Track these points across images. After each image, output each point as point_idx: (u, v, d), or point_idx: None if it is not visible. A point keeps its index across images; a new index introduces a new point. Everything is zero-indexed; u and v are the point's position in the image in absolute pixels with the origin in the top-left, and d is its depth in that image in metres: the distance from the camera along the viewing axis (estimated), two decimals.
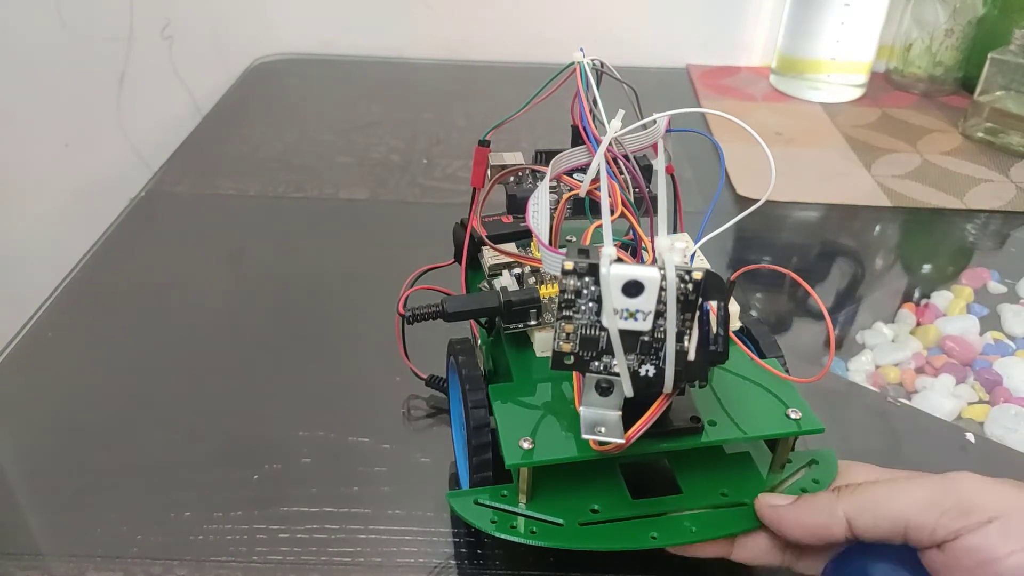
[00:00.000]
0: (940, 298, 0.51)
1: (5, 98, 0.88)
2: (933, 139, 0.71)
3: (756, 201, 0.33)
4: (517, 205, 0.35)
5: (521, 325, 0.33)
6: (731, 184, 0.62)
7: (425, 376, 0.41)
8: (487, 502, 0.31)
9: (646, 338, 0.26)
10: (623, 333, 0.25)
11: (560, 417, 0.31)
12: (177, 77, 0.89)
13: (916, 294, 0.52)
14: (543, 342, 0.33)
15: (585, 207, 0.33)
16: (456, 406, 0.36)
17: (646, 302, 0.25)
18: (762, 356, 0.34)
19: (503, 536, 0.30)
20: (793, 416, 0.30)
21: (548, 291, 0.32)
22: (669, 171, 0.34)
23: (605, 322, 0.25)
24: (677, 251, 0.25)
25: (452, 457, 0.39)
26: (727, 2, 0.85)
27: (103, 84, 0.88)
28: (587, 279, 0.26)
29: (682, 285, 0.25)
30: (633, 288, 0.24)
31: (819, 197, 0.62)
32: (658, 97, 0.37)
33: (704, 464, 0.32)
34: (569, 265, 0.26)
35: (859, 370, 0.45)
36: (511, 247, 0.35)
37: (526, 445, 0.29)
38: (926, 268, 0.56)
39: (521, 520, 0.30)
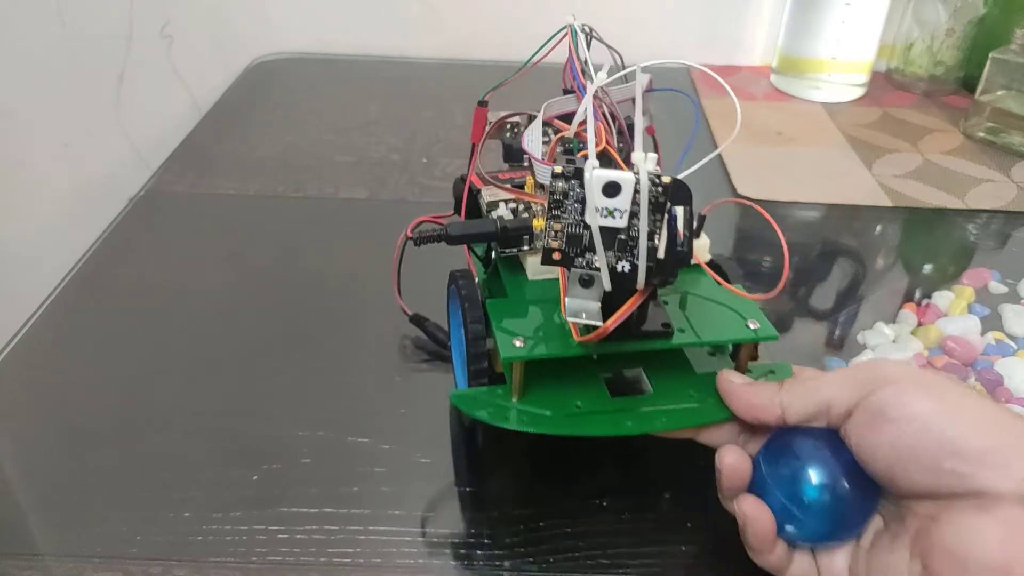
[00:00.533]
0: (941, 298, 0.51)
1: (5, 98, 0.88)
2: (934, 139, 0.71)
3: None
4: (513, 155, 0.39)
5: (515, 250, 0.37)
6: (731, 184, 0.62)
7: (411, 313, 0.45)
8: (484, 398, 0.35)
9: (622, 236, 0.29)
10: (603, 230, 0.29)
11: (548, 327, 0.35)
12: (177, 76, 0.89)
13: (917, 294, 0.52)
14: (535, 266, 0.37)
15: (573, 149, 0.36)
16: (456, 330, 0.40)
17: (623, 201, 0.28)
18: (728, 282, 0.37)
19: (497, 424, 0.34)
20: (752, 326, 0.35)
21: (539, 223, 0.35)
22: (650, 132, 0.38)
23: (588, 219, 0.29)
24: (651, 160, 0.29)
25: (452, 457, 0.39)
26: (727, 2, 0.85)
27: (103, 83, 0.88)
28: (573, 182, 0.30)
29: (653, 188, 0.29)
30: (612, 189, 0.28)
31: (819, 197, 0.62)
32: (658, 97, 0.39)
33: (675, 375, 0.36)
34: (558, 169, 0.30)
35: None
36: (507, 187, 0.39)
37: (519, 344, 0.33)
38: (927, 268, 0.56)
39: (513, 412, 0.34)
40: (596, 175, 0.28)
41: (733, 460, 0.32)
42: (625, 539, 0.36)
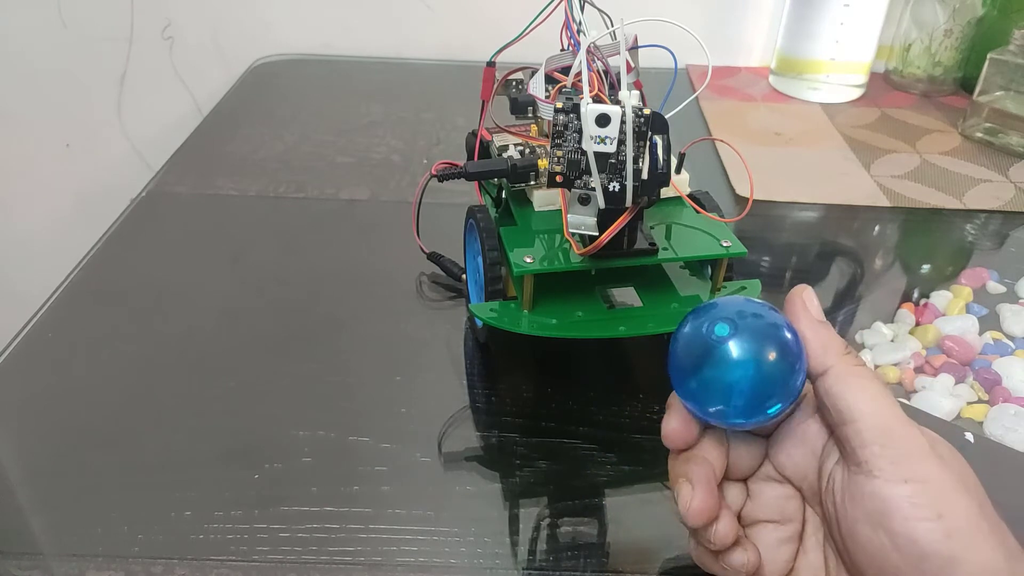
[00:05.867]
0: (939, 298, 0.51)
1: (6, 99, 0.88)
2: (932, 139, 0.71)
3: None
4: (518, 107, 0.43)
5: (523, 185, 0.42)
6: (730, 184, 0.62)
7: (428, 251, 0.51)
8: (499, 308, 0.40)
9: (613, 160, 0.34)
10: (597, 155, 0.33)
11: (553, 248, 0.40)
12: (178, 78, 0.89)
13: (915, 294, 0.52)
14: (540, 199, 0.42)
15: (571, 95, 0.39)
16: (472, 260, 0.45)
17: (612, 130, 0.33)
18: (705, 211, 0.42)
19: (511, 329, 0.39)
20: (724, 244, 0.40)
21: (543, 163, 0.40)
22: (637, 86, 0.43)
23: (584, 146, 0.33)
24: (635, 96, 0.35)
25: (453, 455, 0.39)
26: (727, 2, 0.85)
27: (104, 85, 0.88)
28: (571, 115, 0.34)
29: (636, 118, 0.33)
30: (603, 119, 0.33)
31: (818, 197, 0.62)
32: (659, 96, 0.40)
33: (661, 293, 0.42)
34: (559, 105, 0.34)
35: None
36: (514, 128, 0.45)
37: (528, 260, 0.38)
38: (925, 268, 0.56)
39: (524, 319, 0.39)
40: (590, 108, 0.33)
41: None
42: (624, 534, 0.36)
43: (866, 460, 0.27)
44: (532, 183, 0.42)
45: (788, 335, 0.29)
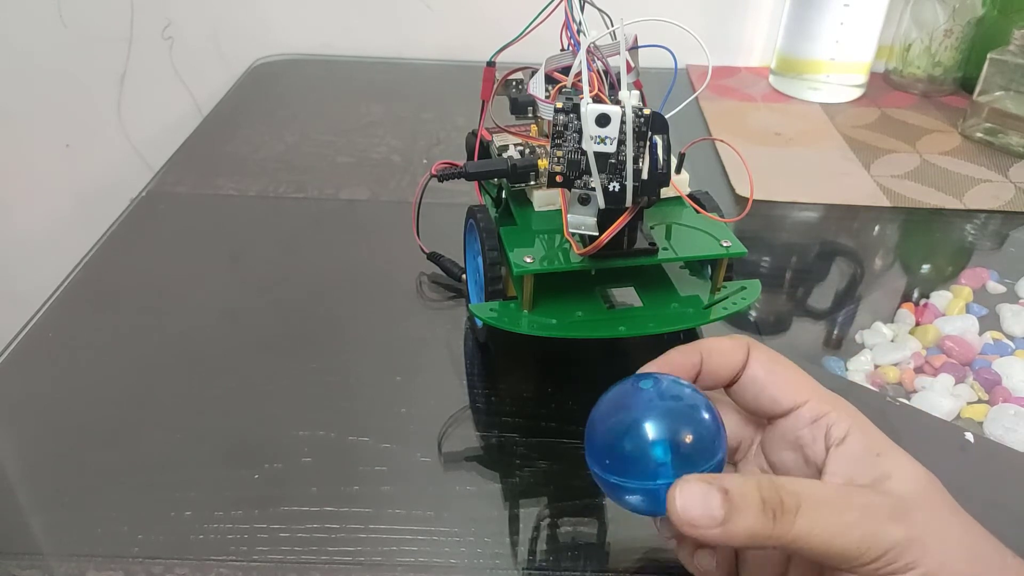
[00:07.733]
0: (939, 298, 0.51)
1: (6, 99, 0.88)
2: (932, 139, 0.71)
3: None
4: (518, 107, 0.43)
5: (523, 185, 0.42)
6: (730, 184, 0.62)
7: (428, 251, 0.52)
8: (499, 308, 0.40)
9: (613, 160, 0.34)
10: (596, 155, 0.33)
11: (553, 248, 0.40)
12: (178, 78, 0.89)
13: (915, 294, 0.52)
14: (540, 199, 0.42)
15: (571, 95, 0.39)
16: (472, 260, 0.45)
17: (612, 130, 0.33)
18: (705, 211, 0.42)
19: (510, 329, 0.39)
20: (724, 244, 0.40)
21: (544, 163, 0.40)
22: (638, 86, 0.43)
23: (584, 146, 0.34)
24: (635, 96, 0.35)
25: (453, 455, 0.39)
26: (727, 2, 0.85)
27: (104, 84, 0.88)
28: (571, 115, 0.35)
29: (636, 119, 0.33)
30: (603, 119, 0.33)
31: (818, 197, 0.62)
32: (659, 96, 0.40)
33: (661, 293, 0.42)
34: (559, 105, 0.35)
35: (858, 370, 0.45)
36: (514, 128, 0.45)
37: (528, 260, 0.38)
38: (925, 268, 0.56)
39: (524, 319, 0.39)
40: (590, 108, 0.33)
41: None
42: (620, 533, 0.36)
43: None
44: (532, 183, 0.42)
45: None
